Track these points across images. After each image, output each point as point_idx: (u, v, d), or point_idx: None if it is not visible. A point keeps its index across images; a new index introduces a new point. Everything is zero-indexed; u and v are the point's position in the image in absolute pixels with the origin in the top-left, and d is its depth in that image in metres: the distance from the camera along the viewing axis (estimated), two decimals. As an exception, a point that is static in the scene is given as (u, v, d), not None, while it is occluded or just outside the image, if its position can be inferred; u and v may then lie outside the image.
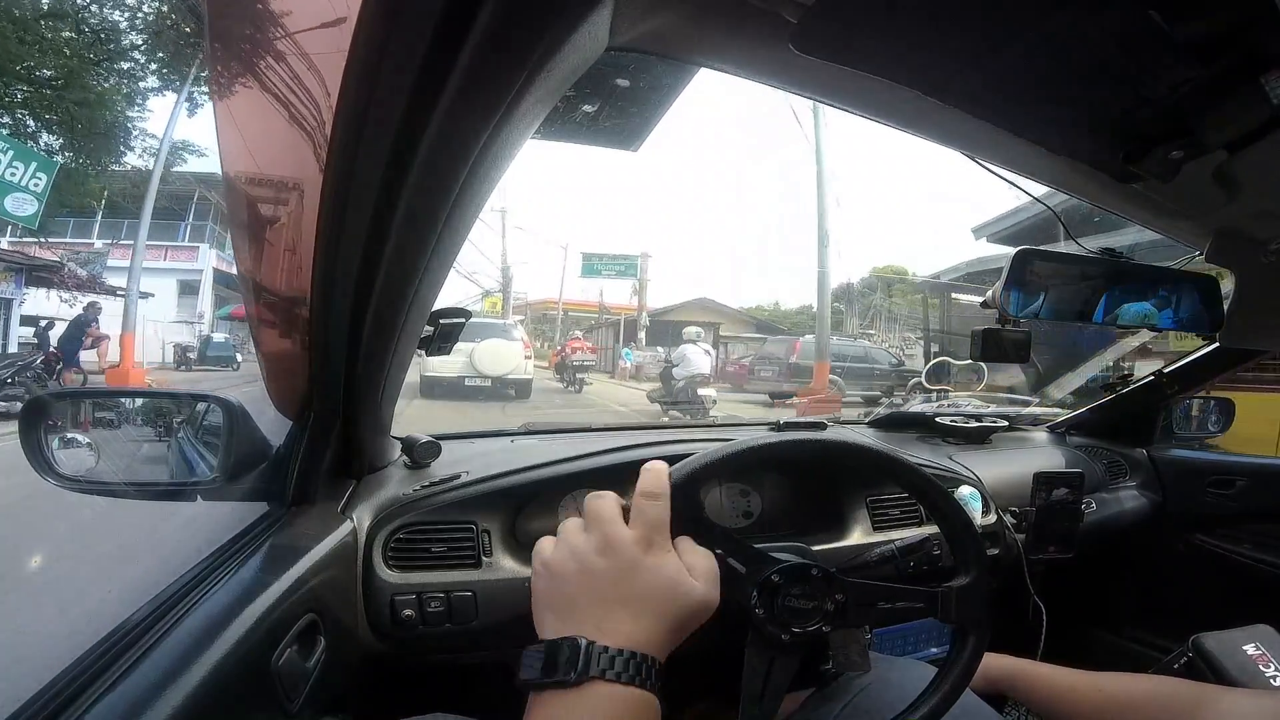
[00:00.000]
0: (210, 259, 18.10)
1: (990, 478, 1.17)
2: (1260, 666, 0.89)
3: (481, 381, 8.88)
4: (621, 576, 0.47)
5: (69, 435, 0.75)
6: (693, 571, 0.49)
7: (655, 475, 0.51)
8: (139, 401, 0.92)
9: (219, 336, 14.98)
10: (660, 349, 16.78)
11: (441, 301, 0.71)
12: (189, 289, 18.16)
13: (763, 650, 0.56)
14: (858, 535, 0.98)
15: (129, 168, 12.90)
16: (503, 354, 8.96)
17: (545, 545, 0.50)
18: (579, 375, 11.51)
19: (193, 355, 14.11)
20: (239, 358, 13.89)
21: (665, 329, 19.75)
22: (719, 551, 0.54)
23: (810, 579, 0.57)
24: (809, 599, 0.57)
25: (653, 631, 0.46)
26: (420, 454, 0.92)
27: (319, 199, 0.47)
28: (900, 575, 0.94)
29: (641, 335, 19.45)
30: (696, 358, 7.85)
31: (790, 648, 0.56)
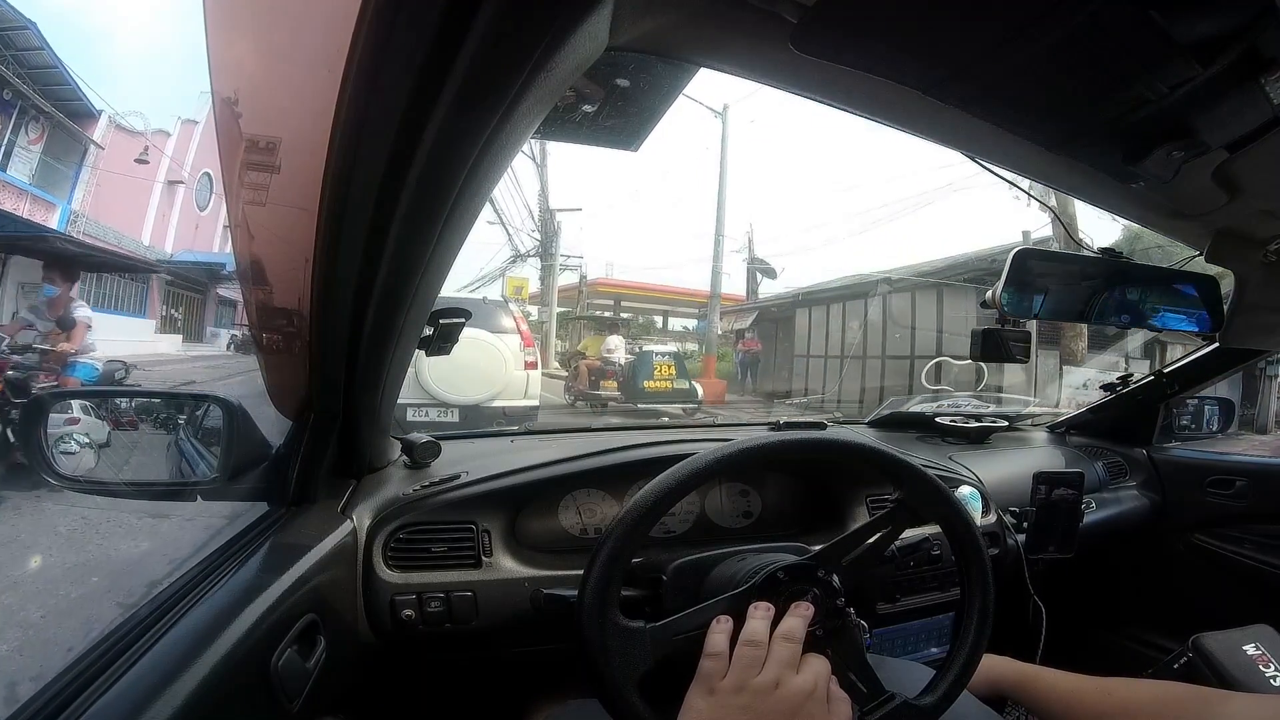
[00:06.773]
0: None
1: (990, 478, 1.17)
2: (1260, 667, 0.89)
3: (440, 414, 4.40)
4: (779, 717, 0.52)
5: (69, 434, 0.75)
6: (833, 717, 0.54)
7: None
8: (139, 402, 0.92)
9: None
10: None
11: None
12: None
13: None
14: None
15: None
16: (479, 361, 4.40)
17: (715, 667, 0.54)
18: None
19: None
20: None
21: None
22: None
23: (780, 582, 0.59)
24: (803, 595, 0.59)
25: None
26: (420, 454, 0.92)
27: (319, 199, 0.47)
28: (900, 576, 0.94)
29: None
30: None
31: (836, 631, 0.60)
